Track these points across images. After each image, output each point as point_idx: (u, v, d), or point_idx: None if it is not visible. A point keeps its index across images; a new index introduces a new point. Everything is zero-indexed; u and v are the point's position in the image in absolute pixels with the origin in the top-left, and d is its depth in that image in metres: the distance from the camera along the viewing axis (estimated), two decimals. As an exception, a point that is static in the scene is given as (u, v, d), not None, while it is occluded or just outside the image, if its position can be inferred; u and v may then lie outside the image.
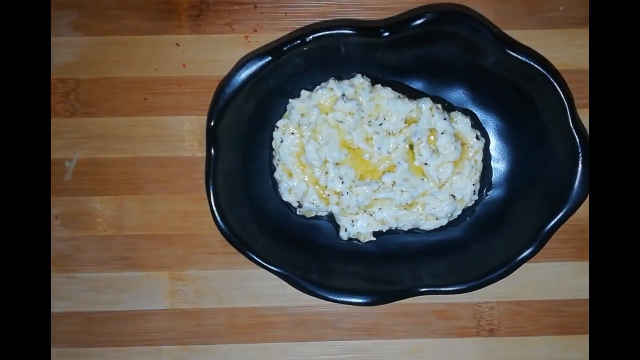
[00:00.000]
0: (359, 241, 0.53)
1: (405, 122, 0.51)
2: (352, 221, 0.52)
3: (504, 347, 0.55)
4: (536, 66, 0.47)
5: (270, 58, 0.47)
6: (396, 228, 0.52)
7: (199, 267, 0.55)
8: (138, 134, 0.54)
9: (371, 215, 0.52)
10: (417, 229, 0.52)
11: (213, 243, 0.54)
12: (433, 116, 0.50)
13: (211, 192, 0.48)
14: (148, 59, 0.54)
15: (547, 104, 0.49)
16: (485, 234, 0.52)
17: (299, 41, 0.47)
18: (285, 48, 0.47)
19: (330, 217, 0.53)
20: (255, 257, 0.49)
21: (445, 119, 0.51)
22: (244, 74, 0.48)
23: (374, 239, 0.52)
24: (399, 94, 0.51)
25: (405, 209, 0.52)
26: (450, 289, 0.49)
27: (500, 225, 0.51)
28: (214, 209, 0.48)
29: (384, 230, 0.52)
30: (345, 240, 0.53)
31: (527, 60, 0.47)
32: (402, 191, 0.51)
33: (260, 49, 0.52)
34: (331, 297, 0.49)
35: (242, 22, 0.53)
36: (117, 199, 0.54)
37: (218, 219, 0.48)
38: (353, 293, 0.49)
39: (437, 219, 0.52)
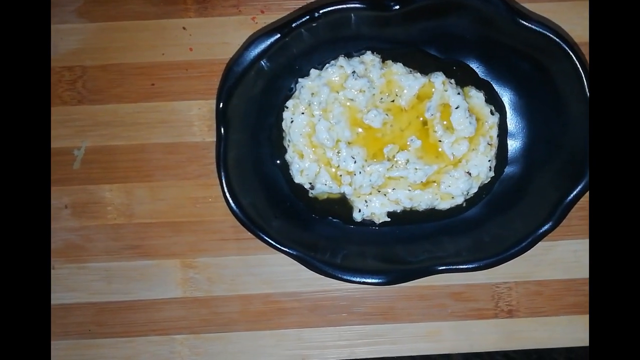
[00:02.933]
0: (373, 222, 0.52)
1: (417, 98, 0.50)
2: (366, 202, 0.51)
3: (523, 329, 0.54)
4: (551, 35, 0.46)
5: (279, 35, 0.47)
6: (411, 208, 0.51)
7: (211, 254, 0.54)
8: (146, 120, 0.53)
9: (385, 195, 0.51)
10: (433, 209, 0.51)
11: (225, 229, 0.53)
12: (446, 91, 0.50)
13: (222, 174, 0.47)
14: (154, 43, 0.53)
15: (563, 75, 0.48)
16: (503, 211, 0.51)
17: (307, 17, 0.46)
18: (294, 25, 0.46)
19: (344, 198, 0.52)
20: (268, 239, 0.48)
21: (459, 93, 0.50)
22: (252, 53, 0.47)
23: (389, 219, 0.52)
24: (410, 69, 0.50)
25: (419, 188, 0.51)
26: (468, 266, 0.48)
27: (518, 202, 0.50)
28: (226, 191, 0.47)
29: (399, 211, 0.51)
30: (359, 222, 0.52)
31: (541, 30, 0.46)
32: (416, 169, 0.50)
33: (269, 26, 0.51)
34: (346, 277, 0.48)
35: (248, 3, 0.53)
36: (127, 186, 0.54)
37: (230, 201, 0.47)
38: (369, 273, 0.48)
39: (452, 197, 0.51)
